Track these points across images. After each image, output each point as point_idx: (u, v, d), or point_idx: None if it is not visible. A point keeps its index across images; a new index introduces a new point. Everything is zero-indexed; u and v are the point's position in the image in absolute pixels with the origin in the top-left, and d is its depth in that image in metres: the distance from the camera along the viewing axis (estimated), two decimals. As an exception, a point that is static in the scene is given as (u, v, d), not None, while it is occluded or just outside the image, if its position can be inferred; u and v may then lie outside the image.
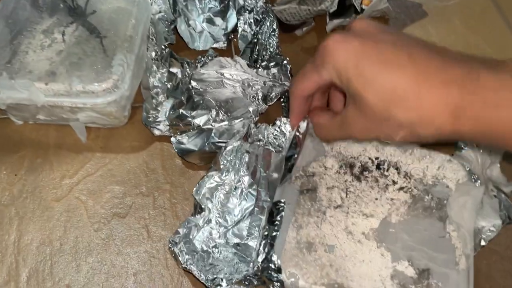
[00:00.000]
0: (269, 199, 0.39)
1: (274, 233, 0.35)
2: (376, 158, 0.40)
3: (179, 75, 0.47)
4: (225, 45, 0.54)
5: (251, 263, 0.37)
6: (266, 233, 0.36)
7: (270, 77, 0.47)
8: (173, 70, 0.47)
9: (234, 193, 0.41)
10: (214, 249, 0.39)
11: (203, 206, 0.41)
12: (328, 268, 0.35)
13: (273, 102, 0.48)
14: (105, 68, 0.44)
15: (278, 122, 0.44)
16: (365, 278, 0.35)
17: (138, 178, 0.46)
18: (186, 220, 0.41)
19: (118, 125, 0.48)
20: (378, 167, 0.40)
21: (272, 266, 0.34)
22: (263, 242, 0.36)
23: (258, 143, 0.44)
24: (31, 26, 0.48)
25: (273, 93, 0.47)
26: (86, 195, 0.45)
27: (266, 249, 0.35)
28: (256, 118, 0.46)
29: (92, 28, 0.47)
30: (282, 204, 0.36)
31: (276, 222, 0.36)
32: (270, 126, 0.45)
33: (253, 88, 0.47)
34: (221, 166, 0.42)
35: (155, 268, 0.41)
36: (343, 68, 0.32)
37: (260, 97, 0.46)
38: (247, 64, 0.47)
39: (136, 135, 0.49)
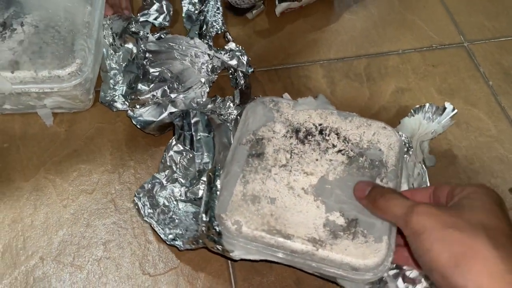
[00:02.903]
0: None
1: (213, 200, 0.39)
2: (320, 125, 0.44)
3: (134, 50, 0.50)
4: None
5: (198, 224, 0.41)
6: (206, 199, 0.40)
7: (228, 57, 0.50)
8: (128, 46, 0.51)
9: (197, 160, 0.45)
10: (175, 203, 0.43)
11: (168, 164, 0.45)
12: (269, 217, 0.39)
13: (219, 71, 0.52)
14: (67, 54, 0.46)
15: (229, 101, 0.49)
16: (301, 226, 0.39)
17: (103, 156, 0.49)
18: (151, 176, 0.45)
19: (84, 109, 0.51)
20: (320, 132, 0.44)
21: (213, 231, 0.39)
22: (204, 208, 0.40)
23: (218, 115, 0.48)
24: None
25: (220, 65, 0.51)
26: (53, 175, 0.48)
27: (208, 216, 0.39)
28: (209, 88, 0.50)
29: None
30: (218, 172, 0.41)
31: (214, 188, 0.40)
32: (226, 101, 0.49)
33: (201, 60, 0.50)
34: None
35: (123, 237, 0.44)
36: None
37: (209, 69, 0.50)
38: (207, 46, 0.51)
39: (99, 117, 0.52)
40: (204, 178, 0.43)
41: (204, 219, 0.40)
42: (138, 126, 0.48)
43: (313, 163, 0.42)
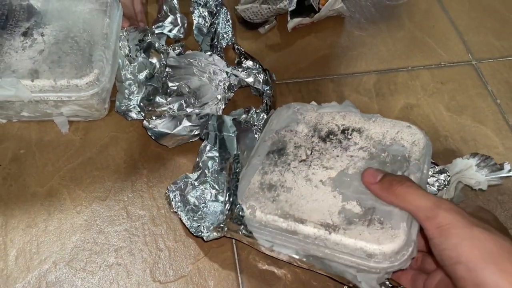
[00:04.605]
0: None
1: (235, 183, 0.41)
2: (342, 125, 0.45)
3: (157, 66, 0.52)
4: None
5: (223, 214, 0.42)
6: (228, 185, 0.41)
7: (245, 74, 0.52)
8: (152, 60, 0.52)
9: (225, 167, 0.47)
10: (204, 204, 0.45)
11: (200, 165, 0.46)
12: (283, 203, 0.40)
13: (236, 90, 0.53)
14: (86, 64, 0.48)
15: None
16: (315, 212, 0.39)
17: (116, 164, 0.50)
18: (184, 175, 0.46)
19: (99, 118, 0.52)
20: (343, 132, 0.45)
21: (236, 213, 0.40)
22: (228, 193, 0.41)
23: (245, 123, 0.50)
24: (11, 29, 0.51)
25: (238, 84, 0.52)
26: (68, 181, 0.49)
27: (231, 199, 0.40)
28: (225, 105, 0.51)
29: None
30: (237, 156, 0.42)
31: (235, 173, 0.41)
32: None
33: (219, 78, 0.52)
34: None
35: (134, 245, 0.45)
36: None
37: (226, 86, 0.51)
38: (226, 64, 0.52)
39: (114, 126, 0.53)
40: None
41: (227, 203, 0.41)
42: (153, 137, 0.49)
43: (333, 159, 0.42)
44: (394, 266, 0.36)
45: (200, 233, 0.43)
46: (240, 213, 0.40)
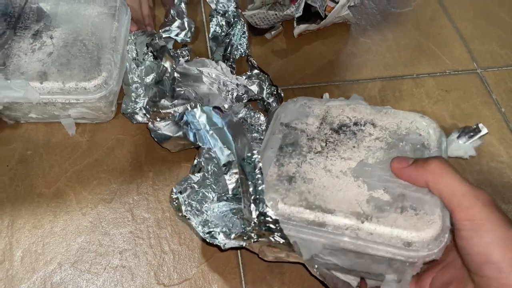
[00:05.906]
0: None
1: (260, 187, 0.37)
2: (354, 117, 0.44)
3: (169, 70, 0.52)
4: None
5: (245, 220, 0.39)
6: (250, 188, 0.38)
7: (249, 82, 0.52)
8: (166, 64, 0.52)
9: (219, 154, 0.46)
10: (207, 207, 0.44)
11: (201, 166, 0.46)
12: (306, 194, 0.37)
13: (244, 101, 0.53)
14: (94, 67, 0.48)
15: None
16: (342, 202, 0.36)
17: (122, 167, 0.50)
18: (187, 176, 0.45)
19: (106, 120, 0.53)
20: (355, 123, 0.43)
21: (269, 219, 0.36)
22: (252, 197, 0.37)
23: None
24: (21, 31, 0.52)
25: (245, 95, 0.52)
26: (74, 183, 0.49)
27: (259, 204, 0.37)
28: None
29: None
30: (256, 156, 0.39)
31: (257, 176, 0.38)
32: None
33: (228, 88, 0.52)
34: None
35: (139, 247, 0.45)
36: None
37: (234, 97, 0.51)
38: (230, 70, 0.53)
39: (120, 129, 0.53)
40: (234, 170, 0.44)
41: (254, 210, 0.37)
42: (156, 140, 0.49)
43: (350, 150, 0.41)
44: (432, 255, 0.35)
45: (213, 240, 0.41)
46: (272, 217, 0.36)
